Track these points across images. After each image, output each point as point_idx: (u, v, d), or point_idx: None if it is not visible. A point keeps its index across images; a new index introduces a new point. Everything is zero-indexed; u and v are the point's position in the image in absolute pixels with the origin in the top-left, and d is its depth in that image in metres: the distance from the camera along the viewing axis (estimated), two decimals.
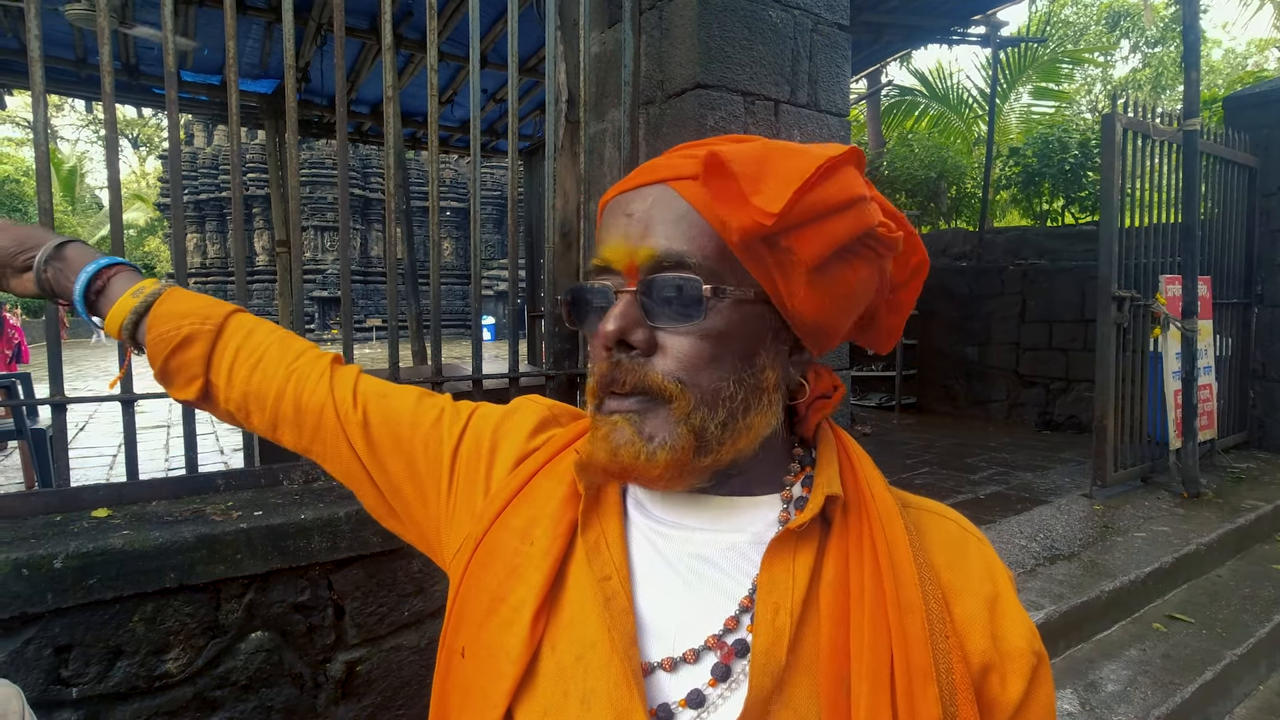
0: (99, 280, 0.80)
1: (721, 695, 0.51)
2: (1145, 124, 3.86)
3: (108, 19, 1.48)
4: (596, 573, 0.56)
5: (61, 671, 1.30)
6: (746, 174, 0.49)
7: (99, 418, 8.09)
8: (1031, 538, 3.22)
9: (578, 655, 0.54)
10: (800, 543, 0.53)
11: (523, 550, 0.59)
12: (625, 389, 0.53)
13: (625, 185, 0.57)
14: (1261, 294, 4.89)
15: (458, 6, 3.95)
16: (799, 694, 0.50)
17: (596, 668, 0.53)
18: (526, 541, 0.59)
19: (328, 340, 21.58)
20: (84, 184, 31.61)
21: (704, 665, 0.53)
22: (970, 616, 0.54)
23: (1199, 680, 2.37)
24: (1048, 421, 6.41)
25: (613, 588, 0.55)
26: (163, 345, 0.76)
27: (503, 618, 0.57)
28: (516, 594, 0.57)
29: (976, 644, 0.53)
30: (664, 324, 0.53)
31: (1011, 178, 8.92)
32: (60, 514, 1.48)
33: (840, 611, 0.51)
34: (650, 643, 0.54)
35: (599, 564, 0.56)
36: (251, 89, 5.41)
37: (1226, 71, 20.36)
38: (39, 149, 1.46)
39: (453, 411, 0.73)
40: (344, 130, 1.78)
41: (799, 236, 0.51)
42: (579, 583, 0.57)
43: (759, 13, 2.01)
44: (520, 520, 0.61)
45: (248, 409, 0.77)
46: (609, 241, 0.55)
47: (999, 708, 0.52)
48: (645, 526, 0.59)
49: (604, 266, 0.56)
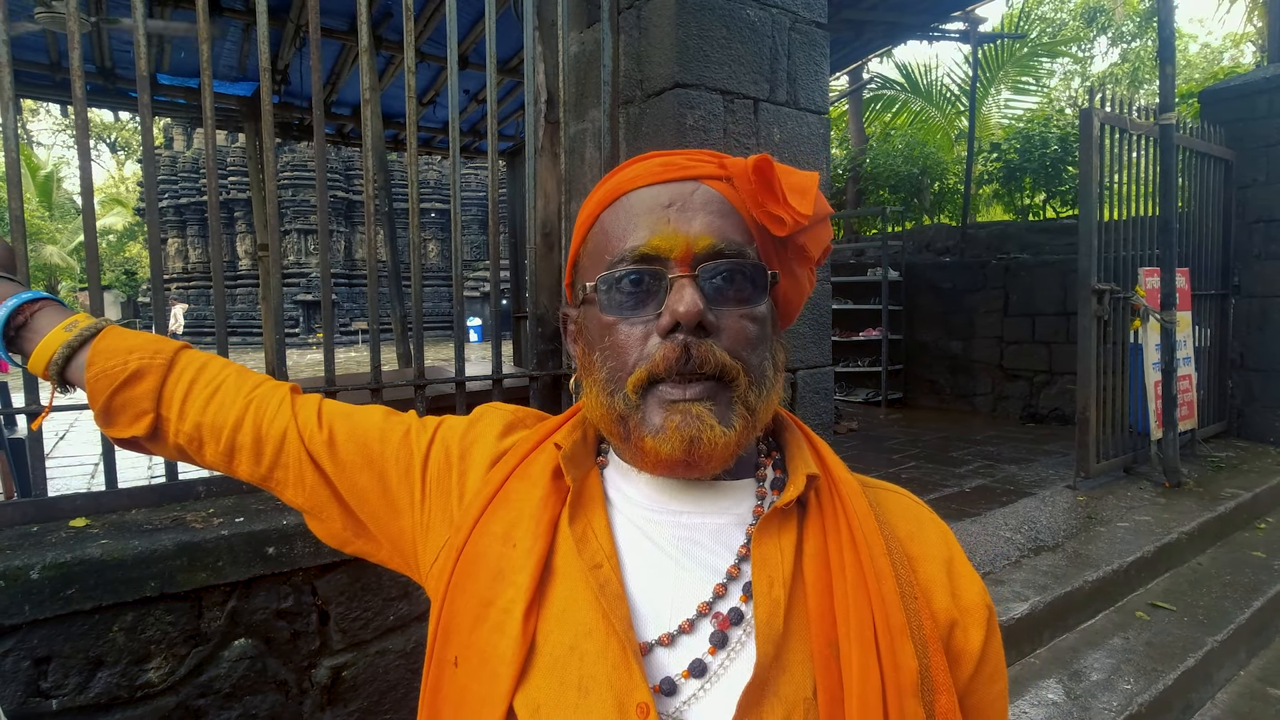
0: (20, 315, 0.77)
1: (722, 665, 0.54)
2: (1122, 118, 3.91)
3: (77, 22, 1.47)
4: (587, 561, 0.57)
5: (41, 683, 1.28)
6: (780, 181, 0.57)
7: (79, 427, 7.99)
8: (1016, 529, 3.25)
9: (571, 645, 0.55)
10: (783, 521, 0.58)
11: (506, 553, 0.60)
12: (705, 370, 0.55)
13: (647, 179, 0.59)
14: (1239, 285, 4.96)
15: (437, 8, 3.93)
16: (794, 659, 0.53)
17: (593, 654, 0.54)
18: (509, 544, 0.60)
19: (313, 344, 21.42)
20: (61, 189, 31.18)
21: (700, 634, 0.55)
22: (932, 579, 0.59)
23: (1181, 667, 2.40)
24: (1032, 414, 6.47)
25: (605, 574, 0.56)
26: (106, 381, 0.74)
27: (493, 621, 0.57)
28: (504, 596, 0.57)
29: (940, 603, 0.58)
30: (722, 306, 0.57)
31: (993, 173, 9.00)
32: (37, 524, 1.46)
33: (824, 582, 0.55)
34: (645, 625, 0.56)
35: (589, 553, 0.57)
36: (230, 91, 5.35)
37: (1203, 66, 20.60)
38: (9, 155, 1.44)
39: (419, 425, 0.74)
40: (321, 133, 1.77)
41: (810, 236, 0.61)
42: (567, 575, 0.58)
43: (737, 11, 2.02)
44: (500, 525, 0.62)
45: (200, 440, 0.75)
46: (656, 230, 0.57)
47: (966, 656, 0.58)
48: (632, 514, 0.61)
49: (650, 254, 0.57)
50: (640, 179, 0.59)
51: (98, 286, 1.58)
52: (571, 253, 0.66)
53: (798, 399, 2.25)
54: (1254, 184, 4.87)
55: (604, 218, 0.61)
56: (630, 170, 0.61)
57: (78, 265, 29.46)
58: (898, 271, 7.34)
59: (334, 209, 23.02)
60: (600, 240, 0.60)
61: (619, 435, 0.59)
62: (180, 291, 23.41)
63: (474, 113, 6.00)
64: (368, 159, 1.85)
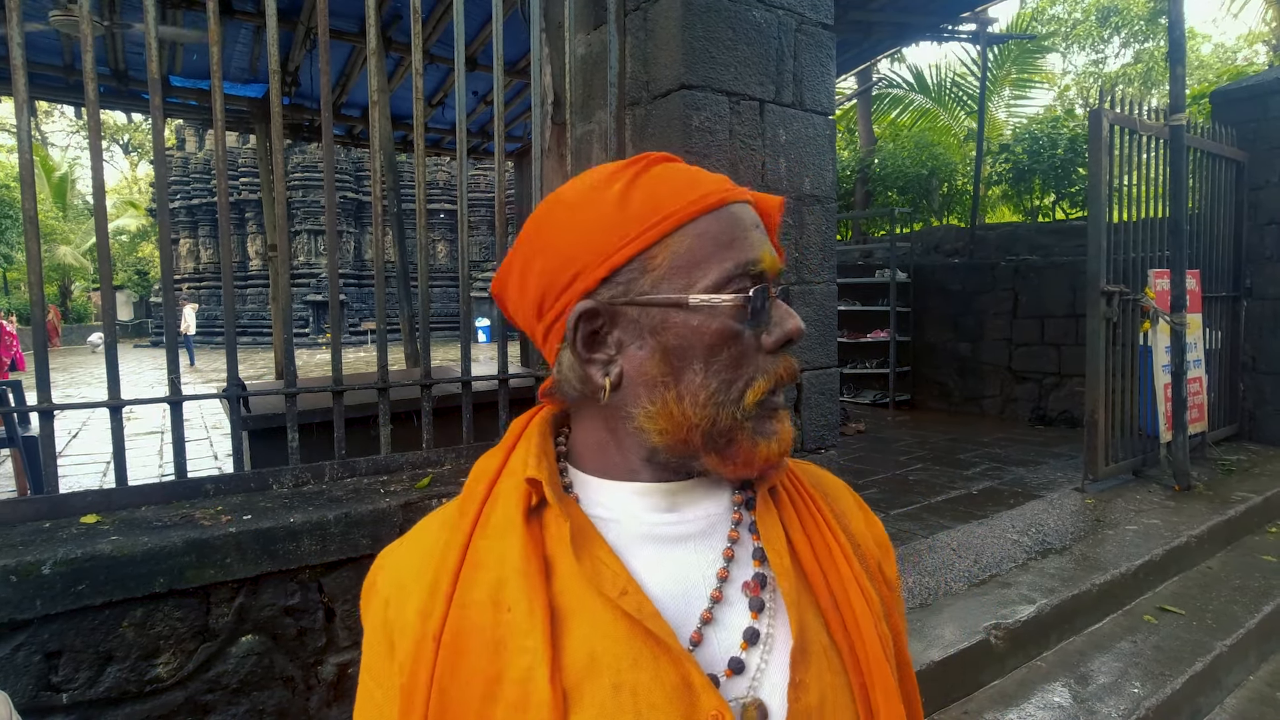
0: None
1: (768, 630, 0.57)
2: (1132, 119, 3.89)
3: (90, 25, 1.49)
4: (611, 593, 0.54)
5: (52, 677, 1.30)
6: None
7: (93, 424, 8.07)
8: (1023, 532, 3.24)
9: (614, 685, 0.52)
10: (766, 501, 0.63)
11: (501, 620, 0.54)
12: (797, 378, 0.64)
13: (730, 196, 0.59)
14: (1250, 287, 4.92)
15: (446, 10, 3.96)
16: (808, 615, 0.59)
17: (646, 683, 0.52)
18: (501, 610, 0.54)
19: (322, 344, 21.54)
20: (75, 190, 31.48)
21: (736, 608, 0.58)
22: (860, 531, 0.68)
23: (1189, 671, 2.38)
24: (1041, 416, 6.43)
25: (634, 599, 0.54)
26: None
27: (510, 700, 0.52)
28: (516, 666, 0.52)
29: (868, 547, 0.68)
30: None
31: (1002, 174, 8.96)
32: (49, 520, 1.48)
33: (806, 545, 0.62)
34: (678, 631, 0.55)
35: (608, 584, 0.54)
36: (242, 93, 5.41)
37: (1216, 66, 20.42)
38: (23, 156, 1.46)
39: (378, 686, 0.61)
40: (329, 135, 1.78)
41: None
42: (583, 616, 0.54)
43: (743, 13, 2.02)
44: (481, 591, 0.55)
45: None
46: (760, 247, 0.59)
47: (891, 584, 0.68)
48: (631, 529, 0.59)
49: (763, 271, 0.59)
50: (726, 193, 0.58)
51: (110, 287, 1.60)
52: (629, 250, 0.57)
53: (803, 400, 2.25)
54: (1266, 185, 4.83)
55: (706, 223, 0.57)
56: (709, 179, 0.60)
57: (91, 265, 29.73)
58: (906, 273, 7.32)
59: (344, 210, 23.14)
60: (702, 245, 0.57)
61: (708, 447, 0.57)
62: (192, 292, 23.60)
63: (482, 114, 6.03)
64: (375, 160, 1.86)
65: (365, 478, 1.82)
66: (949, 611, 2.48)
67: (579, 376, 0.60)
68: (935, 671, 2.16)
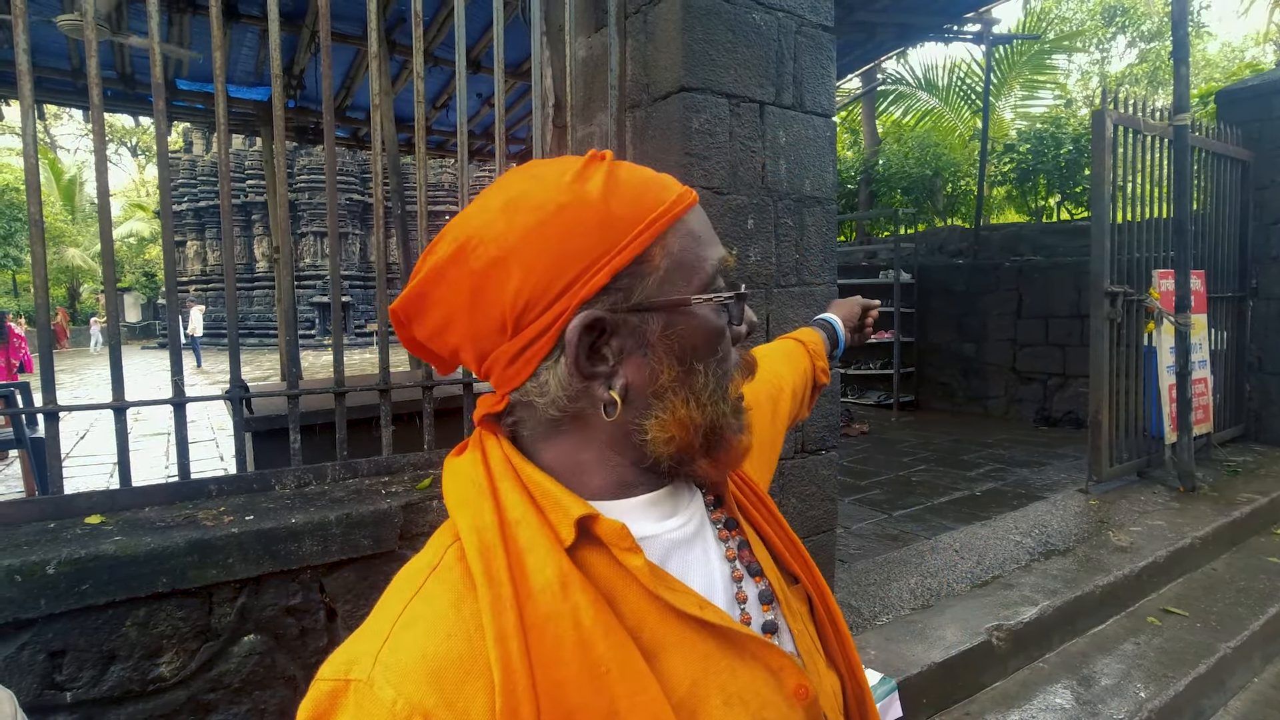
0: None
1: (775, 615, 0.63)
2: (1136, 119, 3.87)
3: (95, 31, 1.50)
4: (693, 610, 0.52)
5: (56, 676, 1.31)
6: None
7: (100, 426, 8.11)
8: (1027, 533, 3.23)
9: (725, 701, 0.52)
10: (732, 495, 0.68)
11: (604, 687, 0.47)
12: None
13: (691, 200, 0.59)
14: (1256, 287, 4.90)
15: (449, 13, 3.97)
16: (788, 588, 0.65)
17: (749, 685, 0.54)
18: (600, 675, 0.48)
19: (327, 345, 21.61)
20: (84, 193, 31.65)
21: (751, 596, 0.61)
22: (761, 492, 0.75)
23: (1193, 673, 2.37)
24: (1045, 417, 6.41)
25: (714, 611, 0.54)
26: None
27: None
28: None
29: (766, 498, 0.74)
30: None
31: (1006, 174, 8.94)
32: (54, 521, 1.50)
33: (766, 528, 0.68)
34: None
35: (688, 602, 0.52)
36: (247, 96, 5.43)
37: (1223, 65, 20.34)
38: (28, 161, 1.47)
39: None
40: (331, 137, 1.80)
41: None
42: (671, 646, 0.52)
43: (742, 16, 2.03)
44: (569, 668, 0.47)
45: None
46: (720, 243, 0.60)
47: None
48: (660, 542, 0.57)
49: (729, 268, 0.59)
50: (689, 196, 0.59)
51: (114, 288, 1.61)
52: (629, 253, 0.53)
53: None
54: (1272, 185, 4.81)
55: (690, 222, 0.56)
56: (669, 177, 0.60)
57: (99, 267, 29.90)
58: (910, 274, 7.31)
59: (350, 212, 23.21)
60: (691, 247, 0.56)
61: (697, 447, 0.56)
62: (199, 294, 23.70)
63: (485, 117, 6.04)
64: (376, 162, 1.88)
65: (367, 478, 1.83)
66: (951, 612, 2.48)
67: (570, 395, 0.53)
68: (937, 672, 2.16)
